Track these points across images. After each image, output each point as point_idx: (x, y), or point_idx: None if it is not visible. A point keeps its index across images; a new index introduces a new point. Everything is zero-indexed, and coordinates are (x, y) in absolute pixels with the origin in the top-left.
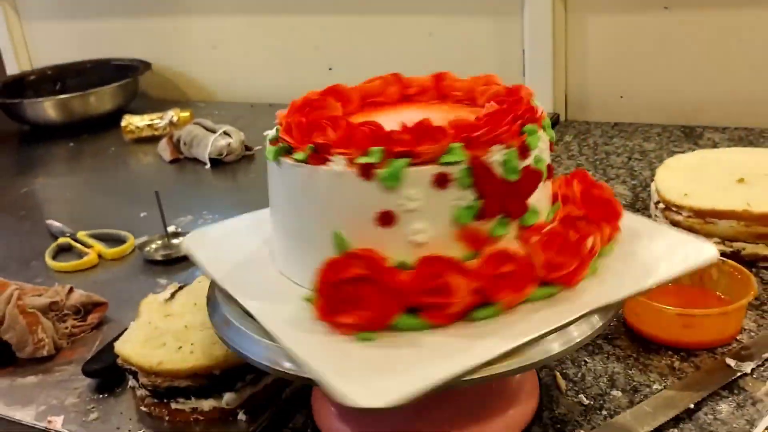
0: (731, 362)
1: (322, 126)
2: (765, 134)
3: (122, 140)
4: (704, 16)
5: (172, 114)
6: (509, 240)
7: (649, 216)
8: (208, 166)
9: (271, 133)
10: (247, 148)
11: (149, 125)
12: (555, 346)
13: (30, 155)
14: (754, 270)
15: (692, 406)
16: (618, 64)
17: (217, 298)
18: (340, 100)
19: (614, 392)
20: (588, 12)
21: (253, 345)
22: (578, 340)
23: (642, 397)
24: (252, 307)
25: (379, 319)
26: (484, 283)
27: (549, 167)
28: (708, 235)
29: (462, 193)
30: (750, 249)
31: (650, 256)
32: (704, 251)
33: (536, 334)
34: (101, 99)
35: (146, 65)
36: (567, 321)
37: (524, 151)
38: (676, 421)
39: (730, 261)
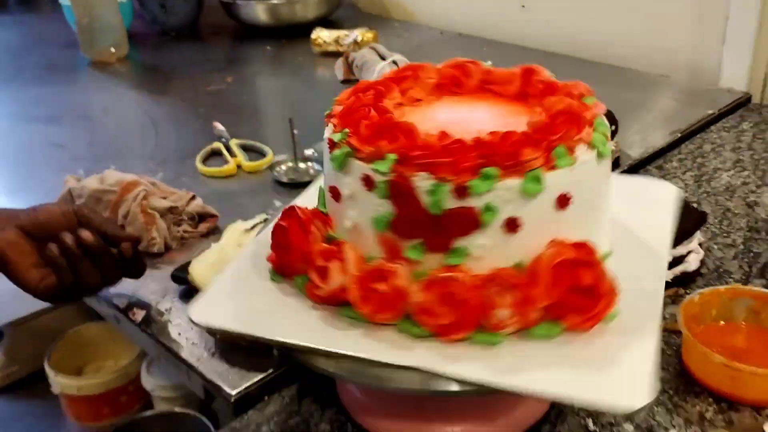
0: None
1: None
2: None
3: (310, 51)
4: None
5: (358, 33)
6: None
7: None
8: None
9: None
10: None
11: (336, 41)
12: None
13: (229, 54)
14: None
15: None
16: None
17: None
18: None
19: (627, 426)
20: None
21: None
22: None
23: None
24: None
25: None
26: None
27: (512, 221)
28: None
29: (380, 201)
30: None
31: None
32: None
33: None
34: (306, 7)
35: None
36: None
37: (462, 190)
38: None
39: None
